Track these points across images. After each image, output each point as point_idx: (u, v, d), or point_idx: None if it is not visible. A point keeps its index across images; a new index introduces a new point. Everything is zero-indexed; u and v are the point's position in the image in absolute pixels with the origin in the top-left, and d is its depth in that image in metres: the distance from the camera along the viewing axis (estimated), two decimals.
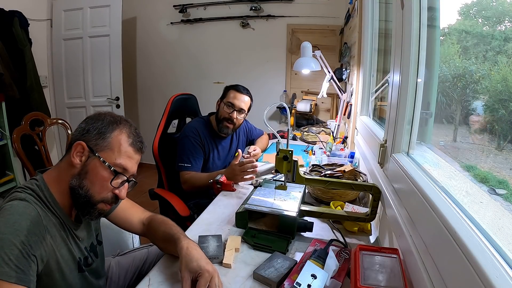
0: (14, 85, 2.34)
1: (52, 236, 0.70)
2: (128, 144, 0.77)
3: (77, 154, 0.73)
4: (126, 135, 0.77)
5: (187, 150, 1.56)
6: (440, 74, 0.91)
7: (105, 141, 0.75)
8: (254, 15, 3.03)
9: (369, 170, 1.24)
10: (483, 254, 0.44)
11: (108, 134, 0.75)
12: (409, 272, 0.70)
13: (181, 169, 1.53)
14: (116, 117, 0.79)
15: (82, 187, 0.73)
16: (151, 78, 3.54)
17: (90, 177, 0.73)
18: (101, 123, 0.76)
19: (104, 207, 0.78)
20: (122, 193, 0.78)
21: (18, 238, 0.60)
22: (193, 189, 1.51)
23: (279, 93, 3.09)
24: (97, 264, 0.87)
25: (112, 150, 0.75)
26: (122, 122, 0.79)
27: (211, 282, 0.71)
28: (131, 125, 0.81)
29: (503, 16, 0.73)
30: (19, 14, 2.48)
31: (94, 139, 0.74)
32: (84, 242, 0.83)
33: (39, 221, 0.66)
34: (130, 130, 0.79)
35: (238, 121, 1.64)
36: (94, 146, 0.74)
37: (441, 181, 0.70)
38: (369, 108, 1.70)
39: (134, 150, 0.78)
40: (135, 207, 1.00)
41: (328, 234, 1.01)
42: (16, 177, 2.42)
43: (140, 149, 0.81)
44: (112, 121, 0.78)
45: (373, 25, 1.65)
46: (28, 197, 0.68)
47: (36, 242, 0.63)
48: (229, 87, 1.67)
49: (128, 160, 0.77)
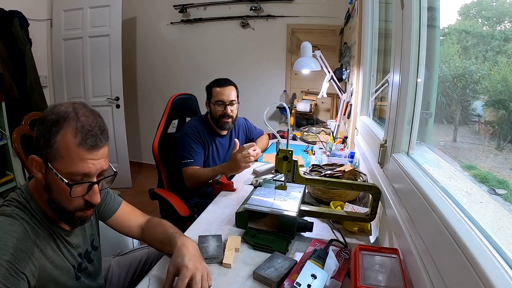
0: (14, 85, 2.34)
1: (41, 250, 0.69)
2: (77, 146, 0.64)
3: (36, 169, 0.67)
4: (71, 134, 0.64)
5: (188, 146, 1.56)
6: (440, 74, 0.91)
7: (52, 149, 0.64)
8: (254, 15, 3.03)
9: (369, 170, 1.24)
10: (483, 254, 0.44)
11: (52, 139, 0.64)
12: (409, 272, 0.70)
13: (184, 166, 1.53)
14: (60, 113, 0.66)
15: (53, 200, 0.69)
16: (151, 78, 3.53)
17: (54, 190, 0.67)
18: (44, 127, 0.65)
19: (83, 214, 0.72)
20: (92, 198, 0.70)
21: (4, 257, 0.58)
22: (197, 184, 1.51)
23: (279, 93, 3.09)
24: (91, 269, 0.86)
25: (63, 157, 0.64)
26: (67, 117, 0.65)
27: (191, 279, 0.68)
28: (79, 117, 0.66)
29: (503, 16, 0.73)
30: (19, 14, 2.48)
31: (43, 148, 0.65)
32: (79, 248, 0.82)
33: (25, 237, 0.64)
34: (77, 125, 0.65)
35: (233, 112, 1.65)
36: (46, 156, 0.65)
37: (441, 181, 0.70)
38: (369, 108, 1.70)
39: (86, 149, 0.65)
40: (134, 211, 0.98)
41: (328, 234, 1.01)
42: (16, 177, 2.42)
43: (94, 146, 0.66)
44: (54, 121, 0.65)
45: (373, 25, 1.65)
46: (14, 212, 0.66)
47: (24, 259, 0.62)
48: (210, 85, 1.67)
49: (84, 163, 0.65)
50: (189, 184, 1.52)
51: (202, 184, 1.50)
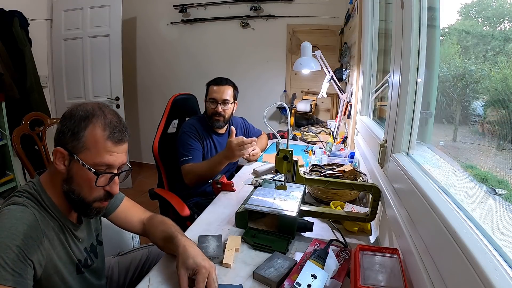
0: (14, 85, 2.34)
1: (50, 240, 0.70)
2: (105, 138, 0.71)
3: (59, 160, 0.71)
4: (100, 129, 0.70)
5: (186, 144, 1.57)
6: (440, 74, 0.91)
7: (80, 142, 0.69)
8: (254, 15, 3.03)
9: (369, 170, 1.24)
10: (483, 254, 0.44)
11: (81, 133, 0.69)
12: (409, 272, 0.70)
13: (182, 163, 1.54)
14: (88, 110, 0.72)
15: (72, 191, 0.72)
16: (151, 78, 3.53)
17: (77, 180, 0.71)
18: (72, 121, 0.70)
19: (100, 205, 0.76)
20: (113, 188, 0.75)
21: (14, 242, 0.60)
22: (196, 180, 1.51)
23: (279, 93, 3.09)
24: (97, 265, 0.87)
25: (90, 150, 0.70)
26: (95, 114, 0.71)
27: (208, 278, 0.71)
28: (106, 114, 0.73)
29: (503, 16, 0.73)
30: (19, 14, 2.48)
31: (70, 141, 0.70)
32: (84, 242, 0.83)
33: (36, 225, 0.66)
34: (105, 121, 0.72)
35: (226, 112, 1.66)
36: (72, 149, 0.70)
37: (441, 181, 0.70)
38: (369, 108, 1.70)
39: (113, 143, 0.72)
40: (136, 207, 1.00)
41: (328, 234, 1.01)
42: (16, 177, 2.42)
43: (120, 139, 0.73)
44: (83, 116, 0.70)
45: (373, 25, 1.65)
46: (25, 202, 0.68)
47: (33, 246, 0.63)
48: (209, 83, 1.69)
49: (110, 155, 0.71)
50: (187, 180, 1.52)
51: (201, 179, 1.50)
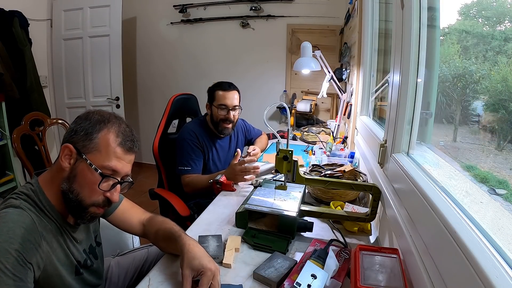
0: (14, 85, 2.34)
1: (48, 242, 0.69)
2: (117, 144, 0.72)
3: (65, 157, 0.71)
4: (114, 134, 0.72)
5: (186, 154, 1.55)
6: (440, 74, 0.91)
7: (92, 142, 0.70)
8: (254, 15, 3.03)
9: (369, 170, 1.24)
10: (483, 254, 0.44)
11: (95, 134, 0.71)
12: (409, 272, 0.70)
13: (181, 173, 1.53)
14: (104, 116, 0.74)
15: (72, 191, 0.71)
16: (151, 78, 3.54)
17: (79, 180, 0.70)
18: (88, 122, 0.72)
19: (96, 211, 0.74)
20: (113, 196, 0.74)
21: (12, 246, 0.59)
22: (195, 191, 1.52)
23: (279, 93, 3.09)
24: (96, 265, 0.87)
25: (100, 152, 0.71)
26: (111, 120, 0.74)
27: (213, 280, 0.70)
28: (121, 123, 0.75)
29: (503, 16, 0.73)
30: (19, 14, 2.48)
31: (81, 140, 0.70)
32: (83, 244, 0.82)
33: (33, 228, 0.65)
34: (119, 128, 0.74)
35: (235, 118, 1.64)
36: (81, 148, 0.70)
37: (441, 181, 0.70)
38: (369, 108, 1.70)
39: (124, 150, 0.73)
40: (135, 208, 0.99)
41: (328, 234, 1.01)
42: (16, 177, 2.42)
43: (131, 148, 0.75)
44: (100, 120, 0.73)
45: (373, 25, 1.65)
46: (22, 204, 0.67)
47: (31, 249, 0.63)
48: (213, 88, 1.63)
49: (118, 161, 0.72)
50: (187, 190, 1.52)
51: (200, 191, 1.50)
